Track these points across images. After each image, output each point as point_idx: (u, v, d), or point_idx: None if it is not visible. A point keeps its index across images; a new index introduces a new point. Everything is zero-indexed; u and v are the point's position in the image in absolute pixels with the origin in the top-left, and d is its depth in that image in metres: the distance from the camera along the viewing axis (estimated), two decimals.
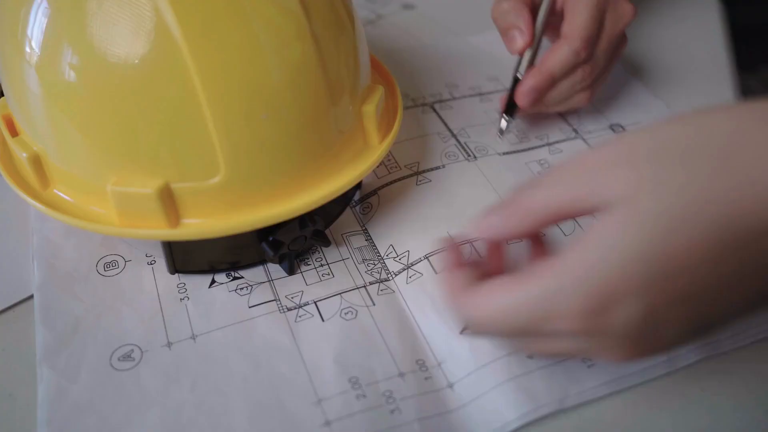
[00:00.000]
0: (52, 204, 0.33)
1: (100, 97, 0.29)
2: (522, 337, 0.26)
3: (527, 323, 0.24)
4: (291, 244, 0.35)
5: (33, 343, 0.33)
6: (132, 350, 0.33)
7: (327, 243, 0.37)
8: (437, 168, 0.42)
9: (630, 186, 0.22)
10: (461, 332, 0.33)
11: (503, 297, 0.24)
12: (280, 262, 0.36)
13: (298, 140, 0.32)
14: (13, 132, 0.34)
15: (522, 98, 0.40)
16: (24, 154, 0.33)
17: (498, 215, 0.26)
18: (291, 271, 0.36)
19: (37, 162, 0.33)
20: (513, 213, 0.25)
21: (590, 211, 0.24)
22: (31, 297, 0.35)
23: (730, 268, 0.22)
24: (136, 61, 0.29)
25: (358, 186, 0.40)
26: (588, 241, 0.23)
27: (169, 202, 0.31)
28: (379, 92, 0.36)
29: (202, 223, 0.32)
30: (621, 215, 0.22)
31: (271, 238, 0.34)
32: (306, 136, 0.32)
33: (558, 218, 0.25)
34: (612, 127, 0.45)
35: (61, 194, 0.34)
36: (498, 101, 0.47)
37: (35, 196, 0.33)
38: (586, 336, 0.24)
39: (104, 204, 0.32)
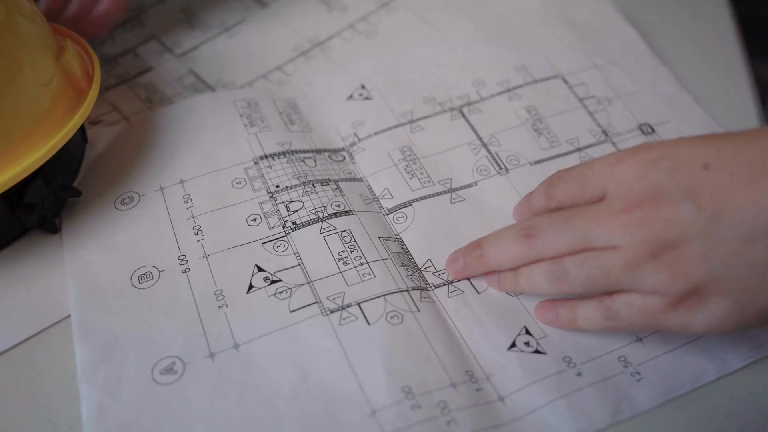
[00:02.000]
0: None
1: None
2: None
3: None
4: (45, 203, 0.36)
5: (69, 365, 0.32)
6: (174, 362, 0.31)
7: (77, 193, 0.38)
8: (470, 186, 0.40)
9: None
10: (509, 349, 0.32)
11: None
12: (40, 227, 0.37)
13: None
14: None
15: None
16: None
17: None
18: (55, 230, 0.37)
19: None
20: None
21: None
22: (65, 318, 0.34)
23: None
24: None
25: (84, 137, 0.42)
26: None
27: None
28: (68, 46, 0.38)
29: None
30: None
31: (22, 205, 0.35)
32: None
33: None
34: (641, 128, 0.44)
35: None
36: (527, 97, 0.45)
37: None
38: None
39: None
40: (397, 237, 0.38)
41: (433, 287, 0.35)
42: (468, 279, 0.36)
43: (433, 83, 0.47)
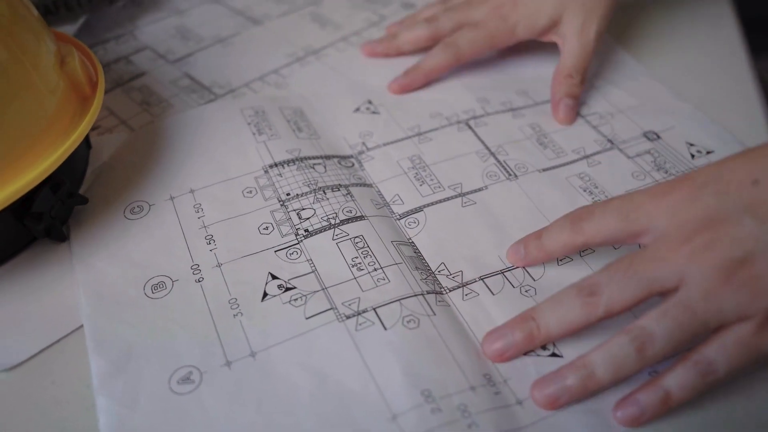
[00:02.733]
0: None
1: None
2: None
3: None
4: (52, 212, 0.35)
5: (84, 374, 0.31)
6: (190, 372, 0.31)
7: (84, 201, 0.38)
8: (480, 189, 0.41)
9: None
10: (525, 353, 0.32)
11: None
12: (48, 235, 0.36)
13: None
14: None
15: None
16: None
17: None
18: (63, 238, 0.37)
19: None
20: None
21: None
22: (79, 327, 0.33)
23: None
24: None
25: (88, 143, 0.42)
26: None
27: None
28: (72, 52, 0.38)
29: None
30: None
31: (30, 214, 0.34)
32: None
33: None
34: (646, 135, 0.45)
35: None
36: (530, 116, 0.46)
37: None
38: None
39: None
40: (410, 241, 0.38)
41: (447, 290, 0.35)
42: (484, 281, 0.36)
43: (439, 100, 0.48)
